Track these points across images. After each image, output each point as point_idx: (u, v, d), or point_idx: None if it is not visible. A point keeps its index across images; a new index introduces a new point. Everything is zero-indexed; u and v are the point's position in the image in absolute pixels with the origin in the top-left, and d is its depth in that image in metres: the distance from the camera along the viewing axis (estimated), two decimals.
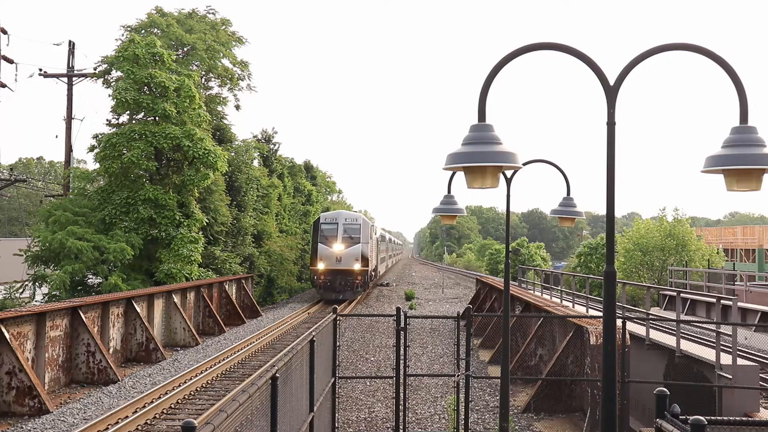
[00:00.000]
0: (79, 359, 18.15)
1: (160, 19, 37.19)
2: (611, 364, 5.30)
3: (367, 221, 42.78)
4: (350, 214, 42.21)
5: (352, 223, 40.76)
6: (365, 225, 41.74)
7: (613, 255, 5.24)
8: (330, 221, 40.83)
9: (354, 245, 39.92)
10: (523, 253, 69.28)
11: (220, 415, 4.62)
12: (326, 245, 39.71)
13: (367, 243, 41.15)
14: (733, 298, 22.40)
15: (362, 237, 40.47)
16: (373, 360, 21.52)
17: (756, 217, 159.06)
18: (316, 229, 40.98)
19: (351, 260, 39.55)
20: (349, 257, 39.59)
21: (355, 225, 40.75)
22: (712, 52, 4.94)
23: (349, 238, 39.99)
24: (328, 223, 40.72)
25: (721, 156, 4.71)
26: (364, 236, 40.69)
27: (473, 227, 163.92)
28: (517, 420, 14.85)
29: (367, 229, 41.71)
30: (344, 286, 39.34)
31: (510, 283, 12.00)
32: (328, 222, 40.79)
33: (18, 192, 75.02)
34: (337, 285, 39.25)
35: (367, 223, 42.47)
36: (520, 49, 5.16)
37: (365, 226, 41.65)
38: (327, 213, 43.60)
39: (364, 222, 41.80)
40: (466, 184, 4.82)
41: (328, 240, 39.89)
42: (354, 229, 40.54)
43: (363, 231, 40.87)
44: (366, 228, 41.59)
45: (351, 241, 40.00)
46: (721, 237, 64.81)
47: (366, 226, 41.67)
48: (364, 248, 40.25)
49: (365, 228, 41.51)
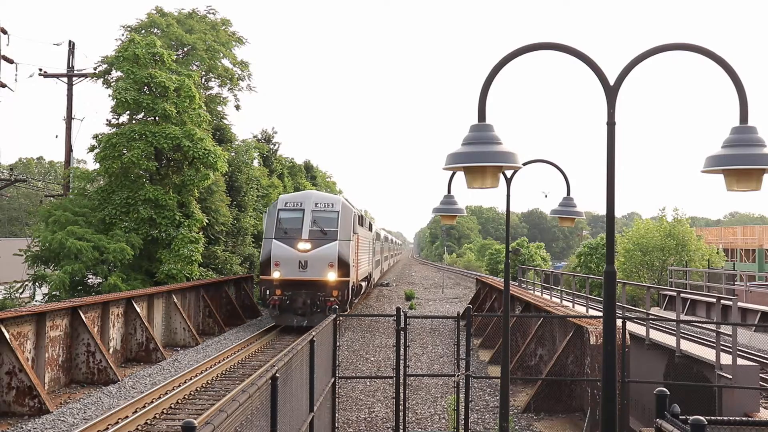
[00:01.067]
0: (79, 359, 18.15)
1: (160, 19, 37.19)
2: (611, 364, 5.30)
3: (349, 207, 29.62)
4: (324, 197, 29.24)
5: (325, 210, 27.79)
6: (346, 213, 28.50)
7: (613, 255, 5.24)
8: (292, 206, 27.90)
9: (328, 243, 27.11)
10: (523, 253, 69.27)
11: (220, 415, 4.62)
12: (285, 243, 26.95)
13: (350, 240, 28.23)
14: (733, 298, 22.39)
15: (341, 230, 27.60)
16: (373, 360, 21.52)
17: (756, 217, 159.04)
18: (272, 218, 27.89)
19: (323, 266, 26.76)
20: (319, 262, 26.79)
21: (330, 213, 27.80)
22: (712, 52, 4.94)
23: (321, 233, 27.16)
24: (290, 209, 27.79)
25: (721, 156, 4.71)
26: (344, 229, 27.83)
27: (473, 227, 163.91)
28: (517, 420, 14.85)
29: (349, 220, 28.63)
30: (312, 306, 26.67)
31: (510, 283, 12.00)
32: (289, 208, 27.87)
33: (18, 192, 75.02)
34: (300, 305, 26.66)
35: (350, 211, 29.18)
36: (520, 49, 5.16)
37: (346, 214, 28.45)
38: (289, 195, 30.00)
39: (345, 208, 28.63)
40: (466, 184, 4.83)
41: (288, 235, 27.08)
42: (329, 220, 27.66)
43: (343, 222, 27.89)
44: (348, 217, 28.59)
45: (324, 237, 27.20)
46: (721, 237, 64.81)
47: (348, 214, 28.70)
48: (343, 248, 27.41)
49: (346, 217, 28.35)
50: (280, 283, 26.74)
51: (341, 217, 27.81)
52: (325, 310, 25.84)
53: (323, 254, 26.90)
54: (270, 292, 26.80)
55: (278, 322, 27.31)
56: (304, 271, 26.74)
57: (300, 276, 26.73)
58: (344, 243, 27.57)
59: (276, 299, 26.62)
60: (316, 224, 27.36)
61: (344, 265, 27.12)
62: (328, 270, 26.86)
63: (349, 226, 28.43)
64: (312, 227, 27.28)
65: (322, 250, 26.97)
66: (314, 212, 27.66)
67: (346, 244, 27.73)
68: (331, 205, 28.10)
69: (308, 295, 26.61)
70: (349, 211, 29.05)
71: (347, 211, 28.69)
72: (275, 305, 26.68)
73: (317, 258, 26.84)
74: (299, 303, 26.59)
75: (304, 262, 26.81)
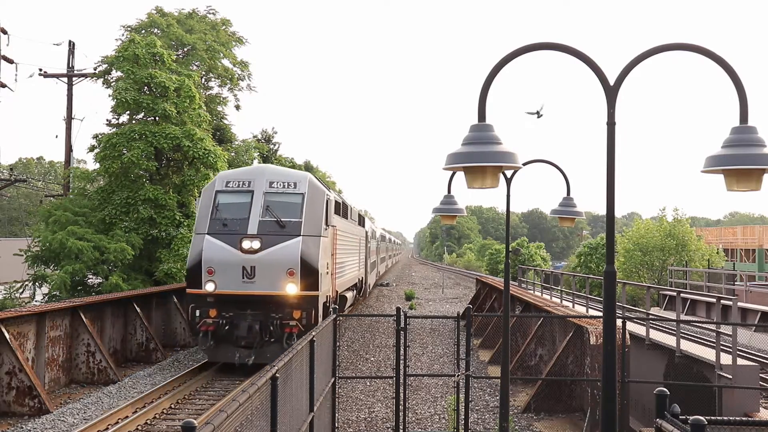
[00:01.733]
0: (79, 359, 18.15)
1: (161, 19, 37.24)
2: (611, 364, 5.31)
3: (321, 189, 20.30)
4: (283, 173, 20.22)
5: (285, 192, 19.45)
6: (316, 197, 19.77)
7: (613, 255, 5.24)
8: (236, 186, 19.59)
9: (287, 241, 18.62)
10: (523, 253, 69.29)
11: (220, 415, 4.63)
12: (223, 240, 18.63)
13: (320, 236, 19.37)
14: (733, 298, 22.39)
15: (308, 221, 19.16)
16: (373, 360, 21.53)
17: (756, 217, 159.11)
18: (207, 204, 19.51)
19: (279, 275, 18.41)
20: (274, 268, 18.42)
21: (291, 196, 19.44)
22: (712, 52, 4.94)
23: (277, 225, 18.78)
24: (233, 190, 19.57)
25: (721, 156, 4.71)
26: (312, 220, 19.32)
27: (473, 227, 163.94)
28: (517, 420, 14.86)
29: (320, 206, 19.74)
30: (262, 334, 18.25)
31: (510, 283, 12.00)
32: (232, 189, 19.59)
33: (18, 192, 75.07)
34: (244, 333, 18.21)
35: (321, 195, 20.01)
36: (519, 49, 5.16)
37: (316, 198, 19.75)
38: (232, 171, 21.26)
39: (314, 190, 19.89)
40: (466, 184, 4.83)
41: (228, 228, 18.83)
42: (289, 206, 19.27)
43: (311, 209, 19.42)
44: (318, 203, 19.74)
45: (281, 232, 18.74)
46: (721, 237, 64.83)
47: (318, 199, 19.83)
48: (310, 247, 18.84)
49: (316, 203, 19.68)
50: (216, 300, 18.26)
51: (308, 202, 19.20)
52: (283, 339, 17.87)
53: (279, 257, 18.21)
54: (200, 313, 18.22)
55: (212, 358, 18.65)
56: (250, 282, 18.19)
57: (245, 289, 18.20)
58: (312, 240, 18.77)
59: (209, 324, 18.06)
60: (271, 212, 18.73)
61: (311, 272, 18.37)
62: (287, 280, 18.18)
63: (320, 215, 19.41)
64: (264, 217, 18.69)
65: (278, 251, 18.25)
66: (268, 195, 19.09)
67: (315, 242, 18.88)
68: (293, 185, 19.38)
69: (257, 318, 18.14)
70: (320, 195, 19.75)
71: (317, 195, 19.65)
72: (207, 333, 18.08)
73: (270, 262, 18.18)
74: (243, 330, 17.96)
75: (250, 268, 18.18)
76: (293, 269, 18.39)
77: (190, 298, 18.82)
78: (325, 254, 19.87)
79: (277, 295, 18.39)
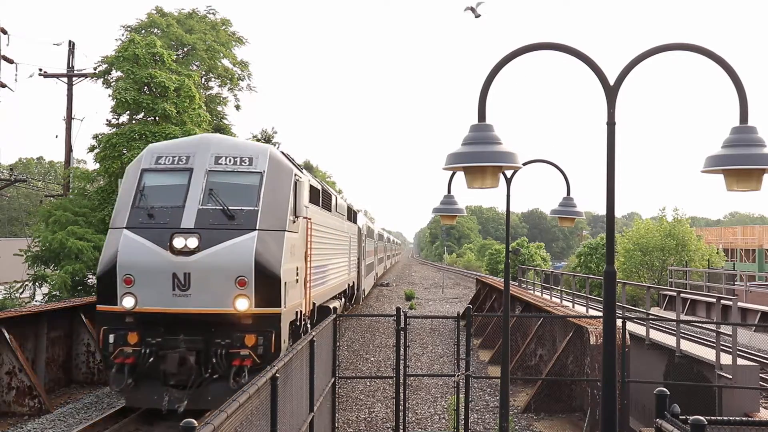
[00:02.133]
0: (79, 359, 18.14)
1: (160, 19, 37.23)
2: (611, 364, 5.31)
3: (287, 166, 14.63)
4: (235, 145, 14.72)
5: (236, 171, 13.95)
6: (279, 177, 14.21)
7: (613, 255, 5.24)
8: (170, 163, 14.11)
9: (236, 237, 13.10)
10: (523, 253, 69.31)
11: (220, 415, 4.63)
12: (147, 237, 13.14)
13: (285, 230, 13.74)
14: (733, 298, 22.42)
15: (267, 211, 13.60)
16: (373, 360, 21.53)
17: (756, 217, 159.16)
18: (129, 188, 14.00)
19: (223, 285, 12.89)
20: (216, 275, 12.90)
21: (245, 176, 13.94)
22: (712, 52, 4.94)
23: (224, 216, 13.31)
24: (165, 168, 14.10)
25: (721, 156, 4.71)
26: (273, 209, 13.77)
27: (473, 227, 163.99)
28: (517, 420, 14.86)
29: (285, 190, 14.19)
30: (201, 368, 12.77)
31: (510, 283, 12.01)
32: (163, 167, 14.11)
33: (18, 192, 75.07)
34: (173, 368, 12.61)
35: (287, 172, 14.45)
36: (519, 49, 5.17)
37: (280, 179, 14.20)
38: (165, 143, 15.34)
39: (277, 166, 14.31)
40: (466, 184, 4.83)
41: (155, 221, 13.33)
42: (242, 190, 13.77)
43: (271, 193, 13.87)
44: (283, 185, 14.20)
45: (228, 226, 13.21)
46: (721, 237, 64.85)
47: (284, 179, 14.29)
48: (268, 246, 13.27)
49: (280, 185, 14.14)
50: (137, 321, 13.00)
51: (268, 184, 13.77)
52: (230, 375, 12.57)
53: (225, 260, 12.89)
54: (115, 338, 12.93)
55: (131, 401, 13.32)
56: (184, 296, 12.84)
57: (176, 306, 12.87)
58: (272, 236, 13.36)
59: (127, 354, 12.83)
60: (216, 198, 13.38)
61: (270, 281, 12.98)
62: (236, 292, 12.83)
63: (286, 202, 13.98)
64: (206, 204, 13.35)
65: (224, 252, 12.91)
66: (213, 175, 13.70)
67: (277, 239, 13.45)
68: (248, 160, 13.94)
69: (193, 346, 12.78)
70: (286, 175, 14.25)
71: (281, 174, 14.15)
72: (124, 366, 12.76)
73: (213, 268, 12.85)
74: (173, 363, 12.59)
75: (184, 276, 12.83)
76: (244, 277, 12.61)
77: (101, 318, 13.18)
78: (292, 256, 14.06)
79: (222, 314, 12.61)
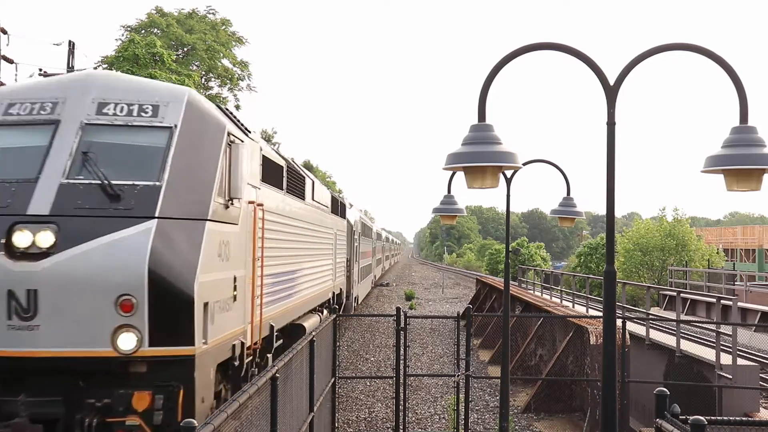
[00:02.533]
0: None
1: (160, 19, 37.26)
2: (611, 364, 5.30)
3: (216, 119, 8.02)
4: (131, 86, 7.90)
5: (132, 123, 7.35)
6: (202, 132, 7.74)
7: (613, 255, 5.24)
8: (27, 113, 7.38)
9: (121, 230, 6.64)
10: (523, 253, 69.26)
11: (221, 415, 4.62)
12: None
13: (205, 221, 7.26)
14: (733, 298, 22.43)
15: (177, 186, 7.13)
16: (373, 360, 21.53)
17: (756, 217, 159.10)
18: None
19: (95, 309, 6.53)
20: (83, 293, 6.49)
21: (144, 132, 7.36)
22: (712, 52, 4.94)
23: (102, 194, 6.85)
24: (17, 121, 7.39)
25: (721, 156, 4.71)
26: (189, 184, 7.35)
27: (473, 227, 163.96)
28: (517, 420, 14.86)
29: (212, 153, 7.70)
30: None
31: (510, 283, 12.01)
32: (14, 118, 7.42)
33: None
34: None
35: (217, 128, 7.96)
36: (519, 49, 5.16)
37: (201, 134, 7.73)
38: (25, 84, 8.82)
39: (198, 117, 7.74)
40: (466, 184, 4.83)
41: None
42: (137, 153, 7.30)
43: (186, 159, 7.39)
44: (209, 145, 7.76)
45: (109, 210, 6.75)
46: (721, 237, 64.83)
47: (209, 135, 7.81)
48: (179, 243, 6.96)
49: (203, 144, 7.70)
50: None
51: (180, 145, 7.49)
52: None
53: (96, 267, 6.63)
54: None
55: None
56: (27, 329, 6.55)
57: (14, 345, 6.56)
58: (182, 228, 7.16)
59: None
60: (91, 167, 7.10)
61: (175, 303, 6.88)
62: (115, 322, 6.65)
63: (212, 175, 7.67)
64: (74, 177, 7.07)
65: (95, 254, 6.66)
66: (91, 131, 7.42)
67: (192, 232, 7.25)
68: (151, 109, 7.63)
69: (43, 412, 6.54)
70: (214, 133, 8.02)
71: (206, 131, 7.95)
72: None
73: (75, 281, 6.60)
74: None
75: (27, 296, 6.53)
76: (130, 297, 6.74)
77: None
78: (223, 259, 8.11)
79: (94, 358, 6.80)
